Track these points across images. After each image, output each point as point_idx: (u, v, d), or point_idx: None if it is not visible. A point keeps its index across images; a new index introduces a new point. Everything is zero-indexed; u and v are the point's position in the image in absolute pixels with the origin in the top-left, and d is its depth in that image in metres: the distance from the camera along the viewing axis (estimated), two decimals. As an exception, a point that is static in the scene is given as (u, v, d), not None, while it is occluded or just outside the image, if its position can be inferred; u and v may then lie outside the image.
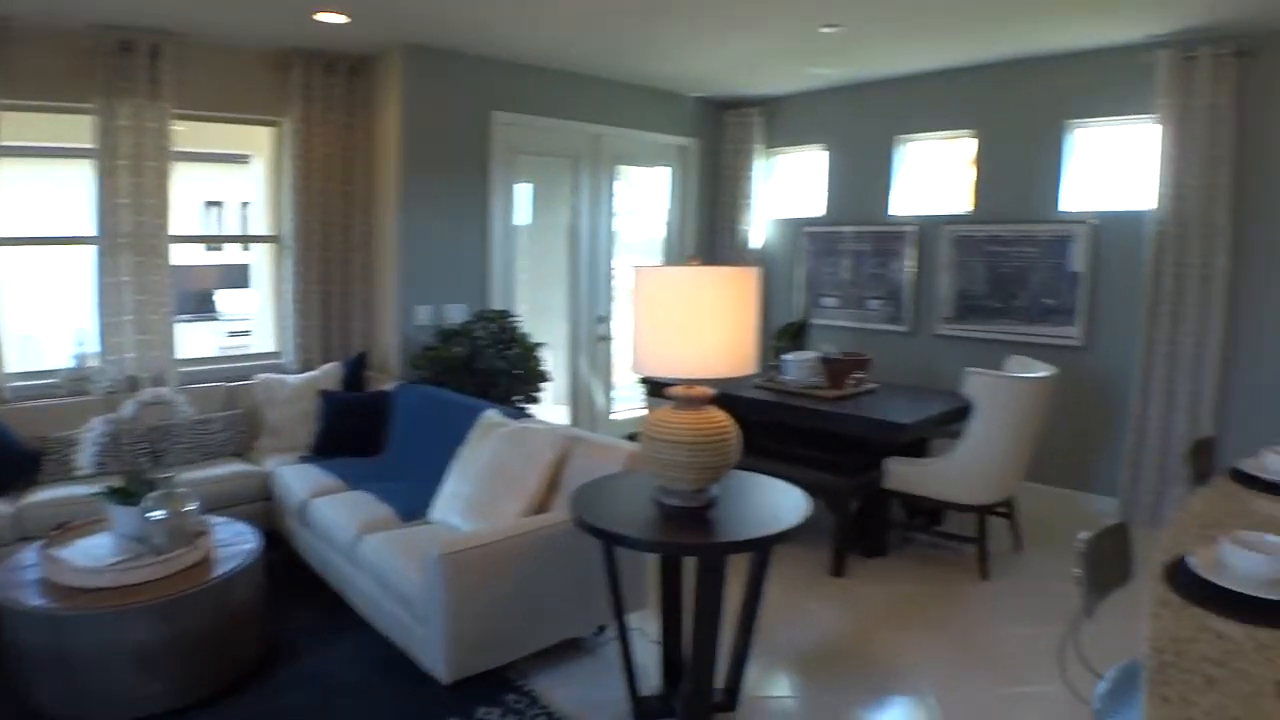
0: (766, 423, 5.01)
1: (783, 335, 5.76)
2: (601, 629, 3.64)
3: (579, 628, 3.53)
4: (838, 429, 4.73)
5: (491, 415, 3.96)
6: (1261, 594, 1.79)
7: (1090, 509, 5.60)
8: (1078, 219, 5.66)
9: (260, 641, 3.44)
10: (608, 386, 6.83)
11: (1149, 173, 5.28)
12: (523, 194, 6.25)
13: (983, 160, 6.09)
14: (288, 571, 4.25)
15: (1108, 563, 2.15)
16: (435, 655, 3.14)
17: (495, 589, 3.15)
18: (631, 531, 2.70)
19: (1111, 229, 5.55)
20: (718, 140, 7.44)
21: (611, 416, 6.88)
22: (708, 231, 7.49)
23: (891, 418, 4.55)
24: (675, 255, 7.28)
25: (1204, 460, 3.02)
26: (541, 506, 3.54)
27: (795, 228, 7.13)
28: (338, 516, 3.90)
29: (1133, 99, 5.36)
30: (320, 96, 5.55)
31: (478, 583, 3.10)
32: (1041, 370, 4.58)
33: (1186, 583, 1.89)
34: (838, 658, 3.70)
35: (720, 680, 3.02)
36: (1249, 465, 2.81)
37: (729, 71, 6.32)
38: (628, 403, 6.93)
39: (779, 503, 2.94)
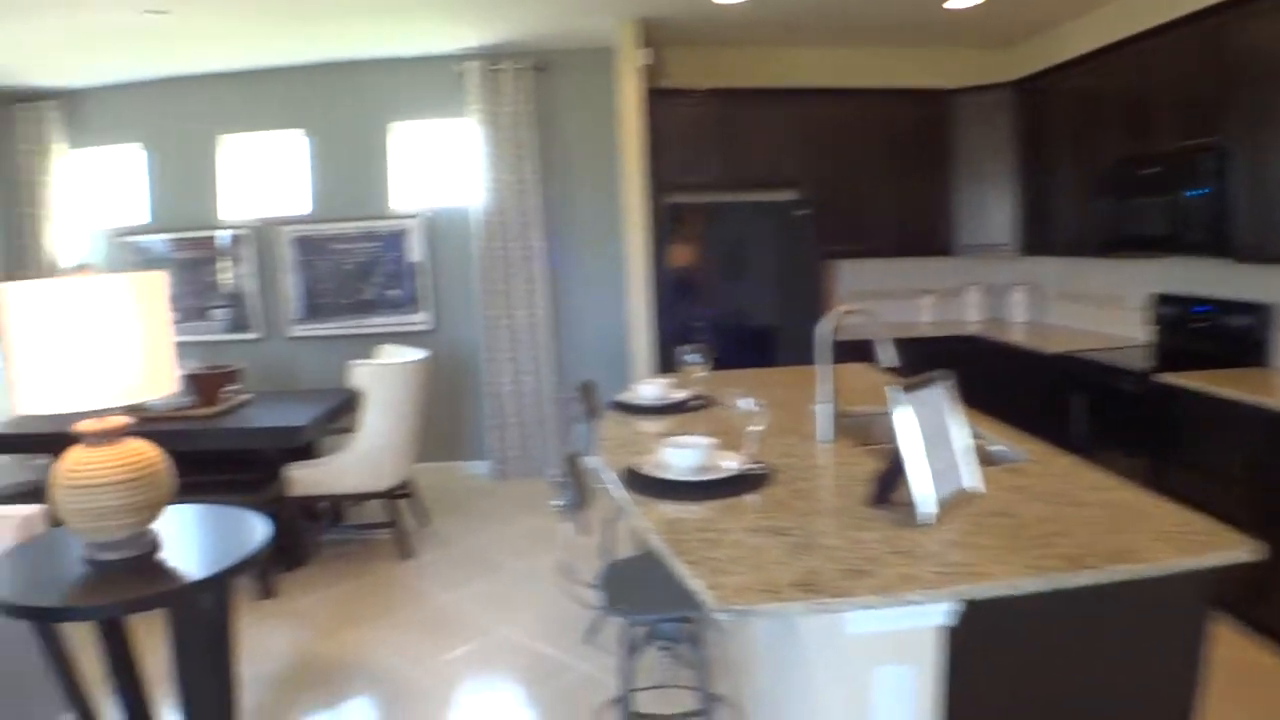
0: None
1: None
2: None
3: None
4: (227, 446, 4.51)
5: None
6: (695, 478, 2.25)
7: (469, 475, 6.17)
8: (412, 214, 6.11)
9: None
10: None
11: (471, 170, 5.94)
12: None
13: (315, 159, 6.19)
14: None
15: (579, 486, 2.47)
16: None
17: None
18: (72, 600, 2.29)
19: (443, 221, 6.12)
20: (7, 140, 6.34)
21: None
22: (10, 252, 6.38)
23: (283, 423, 4.48)
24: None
25: (590, 399, 3.59)
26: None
27: (115, 237, 6.44)
28: None
29: (451, 103, 5.98)
30: None
31: None
32: (416, 354, 4.89)
33: (644, 484, 2.29)
34: (302, 671, 3.59)
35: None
36: (625, 396, 3.42)
37: (21, 58, 5.44)
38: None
39: (230, 527, 2.77)
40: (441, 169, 6.23)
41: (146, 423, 4.55)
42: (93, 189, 6.56)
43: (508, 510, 5.47)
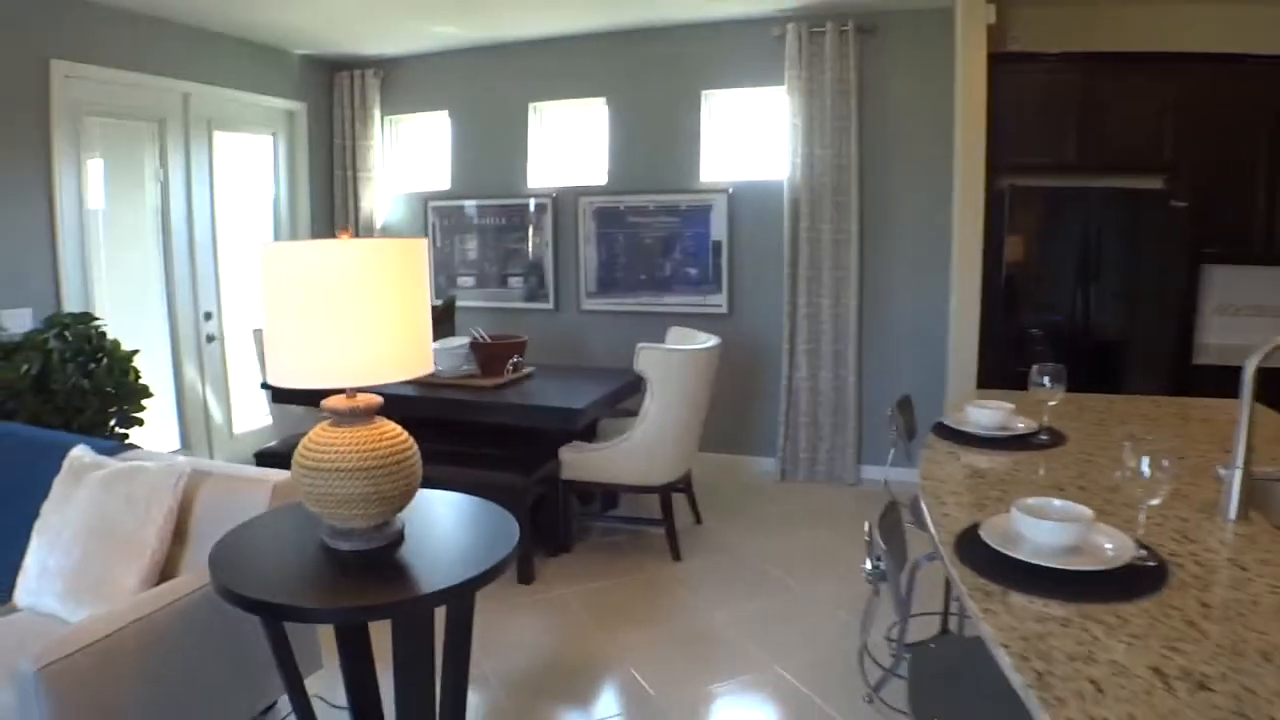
0: (420, 421, 4.49)
1: (425, 321, 5.16)
2: (269, 708, 2.91)
3: (241, 713, 2.75)
4: (505, 420, 4.33)
5: (81, 453, 2.96)
6: (1064, 565, 1.63)
7: (752, 471, 5.72)
8: (716, 188, 5.70)
9: None
10: (224, 396, 5.83)
11: (783, 143, 5.42)
12: (97, 169, 5.09)
13: (617, 129, 5.94)
14: None
15: (896, 551, 1.92)
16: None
17: (123, 696, 2.27)
18: (300, 599, 2.03)
19: (748, 198, 5.65)
20: (329, 104, 6.66)
21: (235, 431, 5.91)
22: (324, 209, 6.70)
23: (562, 403, 4.22)
24: (288, 237, 6.43)
25: (907, 417, 2.99)
26: (169, 569, 2.72)
27: (422, 202, 6.57)
28: None
29: (766, 70, 5.49)
30: None
31: (96, 695, 2.19)
32: (707, 340, 4.47)
33: (986, 560, 1.69)
34: (549, 674, 3.32)
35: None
36: (954, 419, 2.78)
37: (341, 26, 5.63)
38: (250, 413, 5.97)
39: (480, 526, 2.45)
40: (750, 142, 5.77)
41: (430, 388, 4.49)
42: (402, 154, 6.74)
43: (791, 518, 4.96)
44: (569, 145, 6.24)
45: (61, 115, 4.75)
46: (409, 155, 6.75)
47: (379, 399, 2.23)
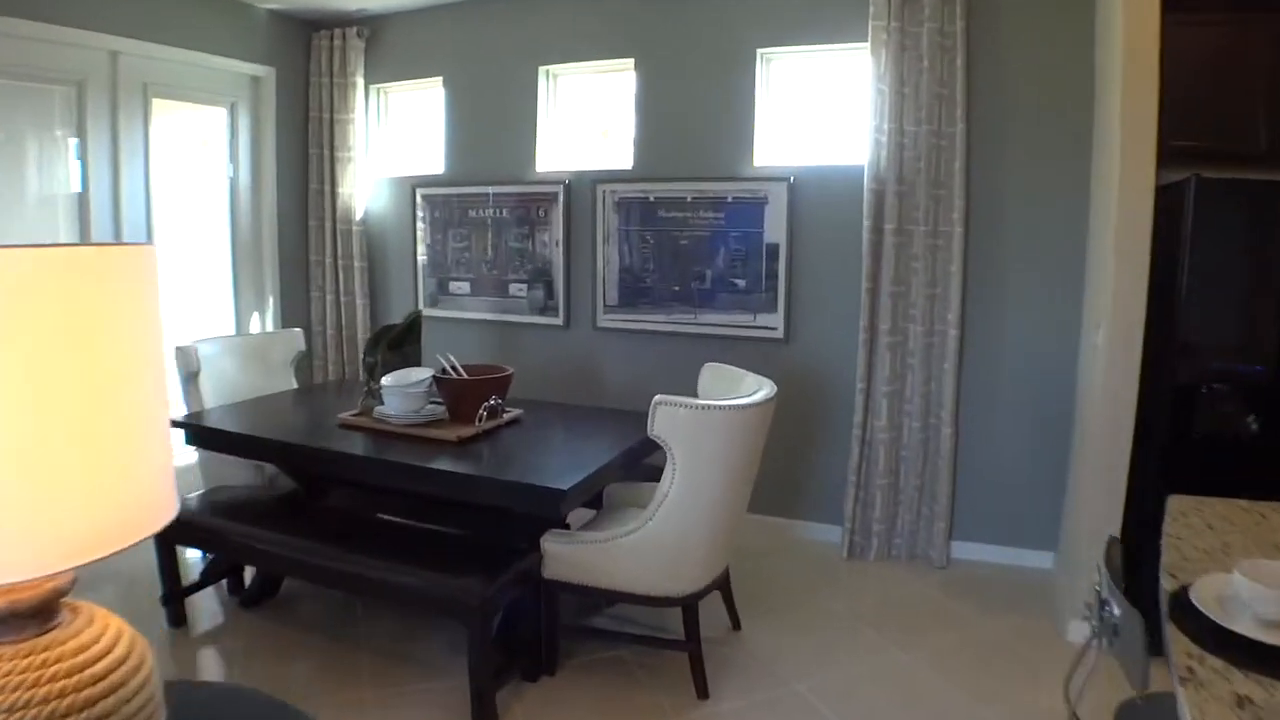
0: (360, 487, 3.34)
1: (378, 346, 3.79)
2: None
3: None
4: (465, 495, 3.10)
5: None
6: None
7: (809, 540, 4.46)
8: (774, 175, 4.42)
9: None
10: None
11: (864, 117, 4.13)
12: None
13: (648, 99, 4.70)
14: None
15: None
16: None
17: None
18: None
19: (816, 188, 4.38)
20: (305, 70, 5.51)
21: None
22: (296, 196, 5.56)
23: (543, 477, 2.97)
24: (248, 232, 5.33)
25: (1115, 577, 1.70)
26: None
27: (410, 188, 5.39)
28: None
29: (843, 22, 4.23)
30: None
31: None
32: (757, 387, 3.18)
33: None
34: None
35: None
36: (1210, 603, 1.50)
37: None
38: (184, 449, 4.80)
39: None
40: (820, 116, 4.49)
41: (372, 439, 3.33)
42: (389, 131, 5.60)
43: (863, 624, 3.63)
44: (588, 120, 5.02)
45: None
46: (397, 132, 5.59)
47: (66, 579, 1.04)
